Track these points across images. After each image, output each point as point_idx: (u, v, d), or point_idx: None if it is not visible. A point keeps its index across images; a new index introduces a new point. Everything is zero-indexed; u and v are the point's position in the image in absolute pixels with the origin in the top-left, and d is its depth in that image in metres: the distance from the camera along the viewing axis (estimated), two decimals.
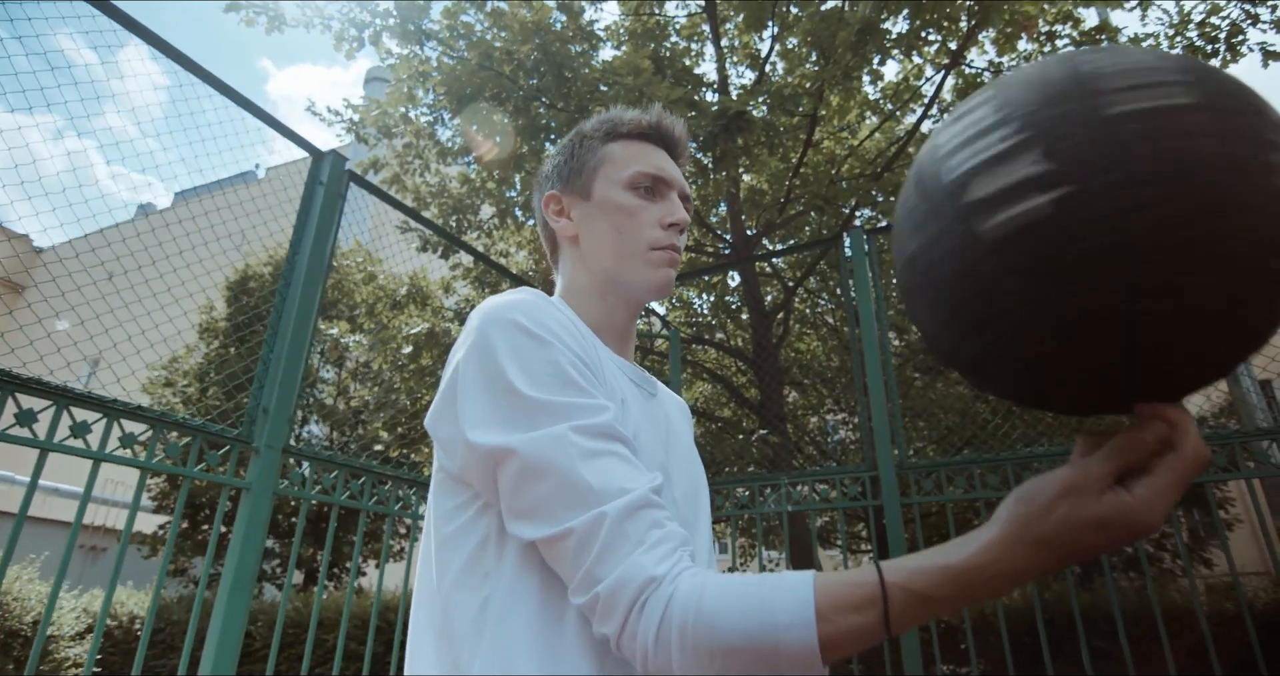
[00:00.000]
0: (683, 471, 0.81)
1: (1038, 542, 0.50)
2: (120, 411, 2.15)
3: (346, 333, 6.00)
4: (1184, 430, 0.49)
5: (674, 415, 0.89)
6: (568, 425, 0.62)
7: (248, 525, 2.40)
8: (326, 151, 2.96)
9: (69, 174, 2.49)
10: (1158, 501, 0.48)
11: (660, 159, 0.86)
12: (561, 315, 0.72)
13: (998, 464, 3.15)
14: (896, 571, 0.53)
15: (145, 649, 2.14)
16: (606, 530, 0.57)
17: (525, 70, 3.38)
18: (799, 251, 5.73)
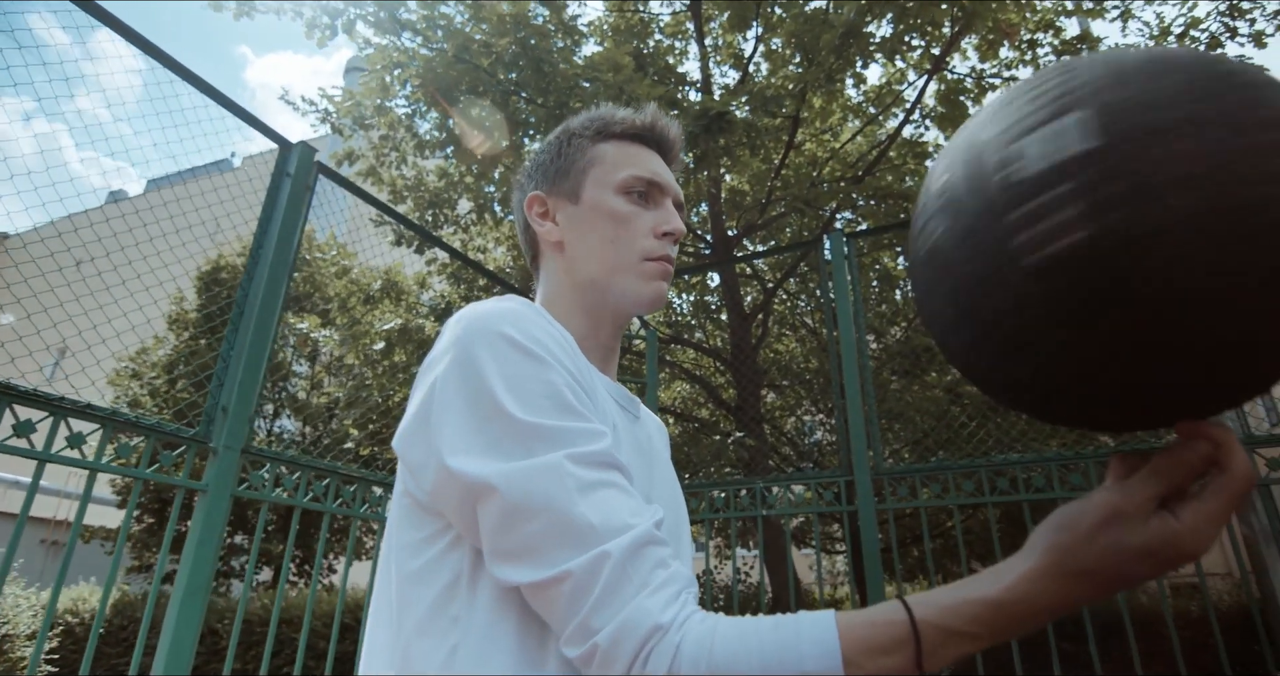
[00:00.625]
0: (666, 499, 0.76)
1: (1080, 573, 0.46)
2: (68, 410, 2.06)
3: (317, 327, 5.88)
4: (1229, 449, 0.46)
5: (655, 437, 0.84)
6: (563, 453, 0.55)
7: (203, 529, 2.31)
8: (295, 143, 2.87)
9: (38, 157, 2.40)
10: (1208, 527, 0.45)
11: (655, 163, 0.80)
12: (554, 329, 0.65)
13: (972, 469, 3.15)
14: (927, 608, 0.49)
15: (94, 644, 2.05)
16: (609, 572, 0.50)
17: (504, 64, 3.31)
18: (779, 253, 5.71)
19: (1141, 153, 0.42)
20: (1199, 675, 6.34)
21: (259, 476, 2.58)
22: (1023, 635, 0.48)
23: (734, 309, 5.41)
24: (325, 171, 2.99)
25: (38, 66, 2.23)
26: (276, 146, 2.85)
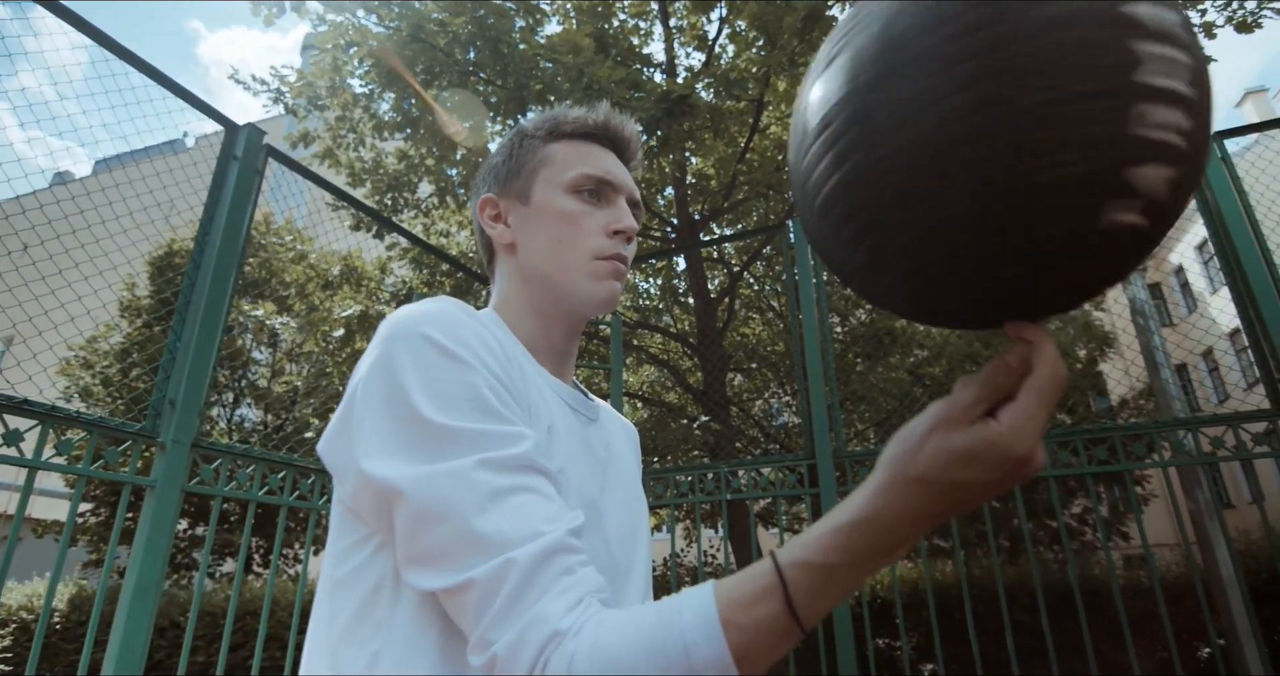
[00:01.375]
0: (620, 506, 0.75)
1: (916, 480, 0.47)
2: (3, 406, 1.97)
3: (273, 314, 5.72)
4: (1038, 347, 0.46)
5: (617, 442, 0.82)
6: (477, 457, 0.54)
7: (152, 526, 2.25)
8: (242, 125, 2.77)
9: None
10: (1024, 425, 0.45)
11: (608, 161, 0.79)
12: (483, 330, 0.64)
13: None
14: (789, 549, 0.49)
15: (41, 640, 1.99)
16: (514, 579, 0.50)
17: (460, 43, 3.22)
18: (745, 238, 5.71)
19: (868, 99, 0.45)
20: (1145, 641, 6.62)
21: (209, 470, 2.51)
22: (886, 556, 0.48)
23: (699, 293, 5.40)
24: (275, 154, 2.89)
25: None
26: (199, 110, 2.69)
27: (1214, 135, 2.96)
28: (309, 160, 4.87)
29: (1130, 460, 2.83)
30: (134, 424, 2.32)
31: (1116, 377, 9.33)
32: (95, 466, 2.18)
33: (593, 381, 7.26)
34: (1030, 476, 0.46)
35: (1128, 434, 2.88)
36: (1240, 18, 3.65)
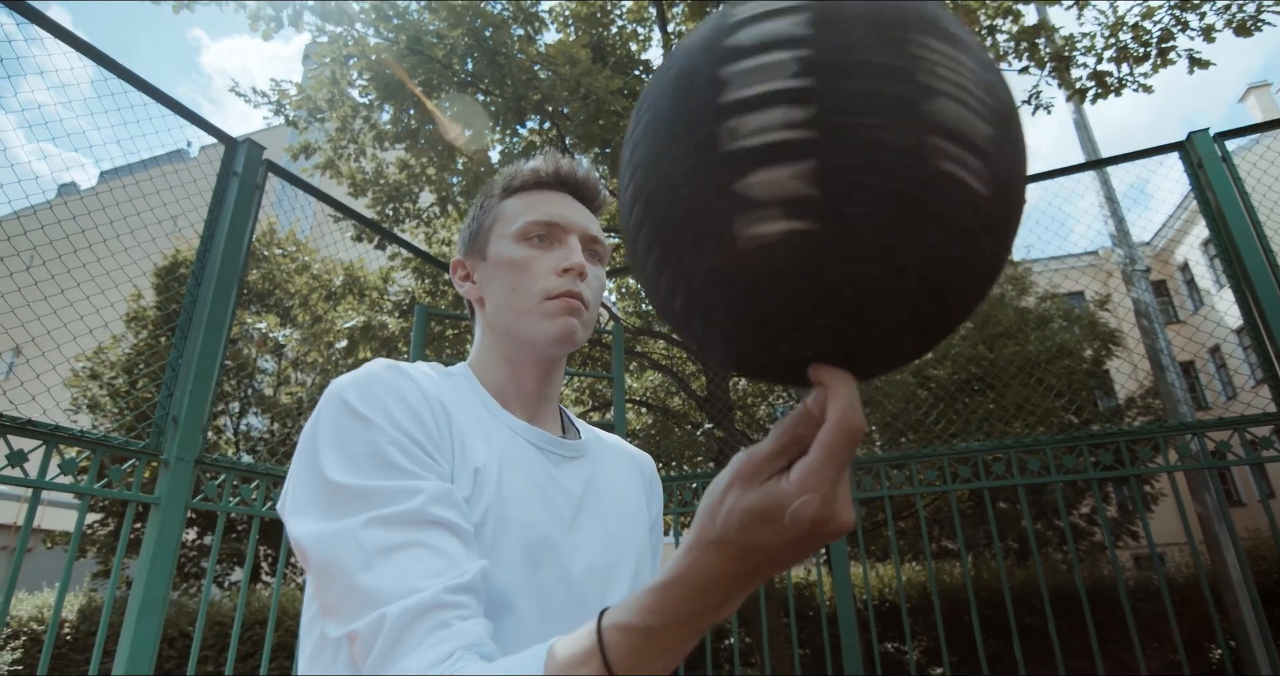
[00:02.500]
0: (595, 543, 0.75)
1: (716, 542, 0.44)
2: (7, 427, 1.98)
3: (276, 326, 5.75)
4: (833, 394, 0.41)
5: (609, 478, 0.83)
6: (367, 516, 0.57)
7: (157, 544, 2.25)
8: (241, 140, 2.78)
9: None
10: (812, 483, 0.40)
11: (557, 205, 0.82)
12: (406, 386, 0.67)
13: (934, 458, 3.19)
14: (614, 610, 0.48)
15: (50, 651, 2.00)
16: (385, 633, 0.52)
17: (459, 55, 3.23)
18: None
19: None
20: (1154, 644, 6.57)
21: (214, 487, 2.52)
22: (706, 616, 0.46)
23: None
24: (275, 169, 2.90)
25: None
26: (238, 136, 2.73)
27: (1215, 136, 2.96)
28: (310, 172, 4.89)
29: (1136, 464, 2.81)
30: (137, 442, 2.33)
31: (1125, 373, 9.28)
32: (100, 484, 2.19)
33: (596, 389, 7.25)
34: (836, 537, 0.42)
35: (1133, 438, 2.87)
36: (1239, 20, 3.65)
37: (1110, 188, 5.69)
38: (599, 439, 0.90)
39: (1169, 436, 2.84)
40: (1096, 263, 11.98)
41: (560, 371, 0.84)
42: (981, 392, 7.05)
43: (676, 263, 0.43)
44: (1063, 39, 4.23)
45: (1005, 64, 4.47)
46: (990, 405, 7.27)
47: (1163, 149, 3.14)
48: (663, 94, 0.44)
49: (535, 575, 0.67)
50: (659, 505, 0.92)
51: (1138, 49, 3.84)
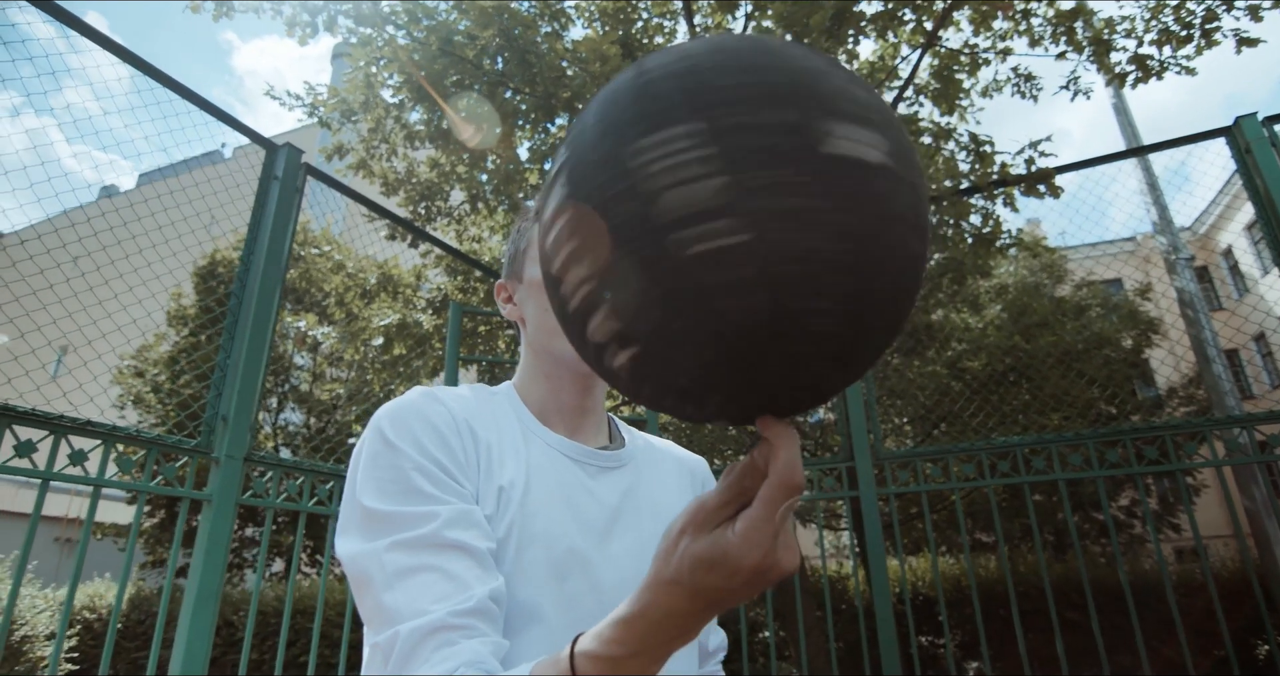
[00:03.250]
0: (630, 554, 0.77)
1: (670, 582, 0.46)
2: (68, 427, 2.06)
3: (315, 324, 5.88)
4: (775, 449, 0.43)
5: (653, 486, 0.84)
6: (390, 540, 0.63)
7: (209, 539, 2.33)
8: (281, 145, 2.84)
9: (29, 153, 2.37)
10: (753, 535, 0.43)
11: None
12: (436, 411, 0.72)
13: (973, 452, 3.16)
14: (585, 639, 0.51)
15: (113, 641, 2.08)
16: (398, 649, 0.58)
17: (489, 55, 3.25)
18: None
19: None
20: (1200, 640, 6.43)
21: (262, 483, 2.59)
22: (668, 645, 0.49)
23: None
24: (314, 172, 2.95)
25: (25, 61, 2.20)
26: (271, 135, 2.78)
27: (1264, 120, 2.87)
28: (344, 172, 4.97)
29: (1182, 458, 2.76)
30: (189, 440, 2.40)
31: (1168, 363, 9.05)
32: (156, 481, 2.27)
33: None
34: (779, 581, 0.45)
35: (1180, 432, 2.81)
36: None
37: (1152, 174, 5.54)
38: (649, 445, 0.92)
39: (1217, 430, 2.78)
40: (1134, 248, 11.67)
41: (601, 385, 0.85)
42: (1017, 384, 6.93)
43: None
44: (1102, 22, 4.12)
45: (1042, 49, 4.38)
46: (1025, 396, 7.15)
47: (1209, 134, 3.05)
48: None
49: (563, 586, 0.70)
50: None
51: (1181, 31, 3.73)
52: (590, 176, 0.44)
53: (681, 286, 0.40)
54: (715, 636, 0.92)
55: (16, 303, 2.48)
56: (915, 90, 4.71)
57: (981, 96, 4.83)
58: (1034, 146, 3.73)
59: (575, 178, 0.45)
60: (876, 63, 5.03)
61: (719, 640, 0.92)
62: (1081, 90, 4.31)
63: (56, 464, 2.03)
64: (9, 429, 1.95)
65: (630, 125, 0.43)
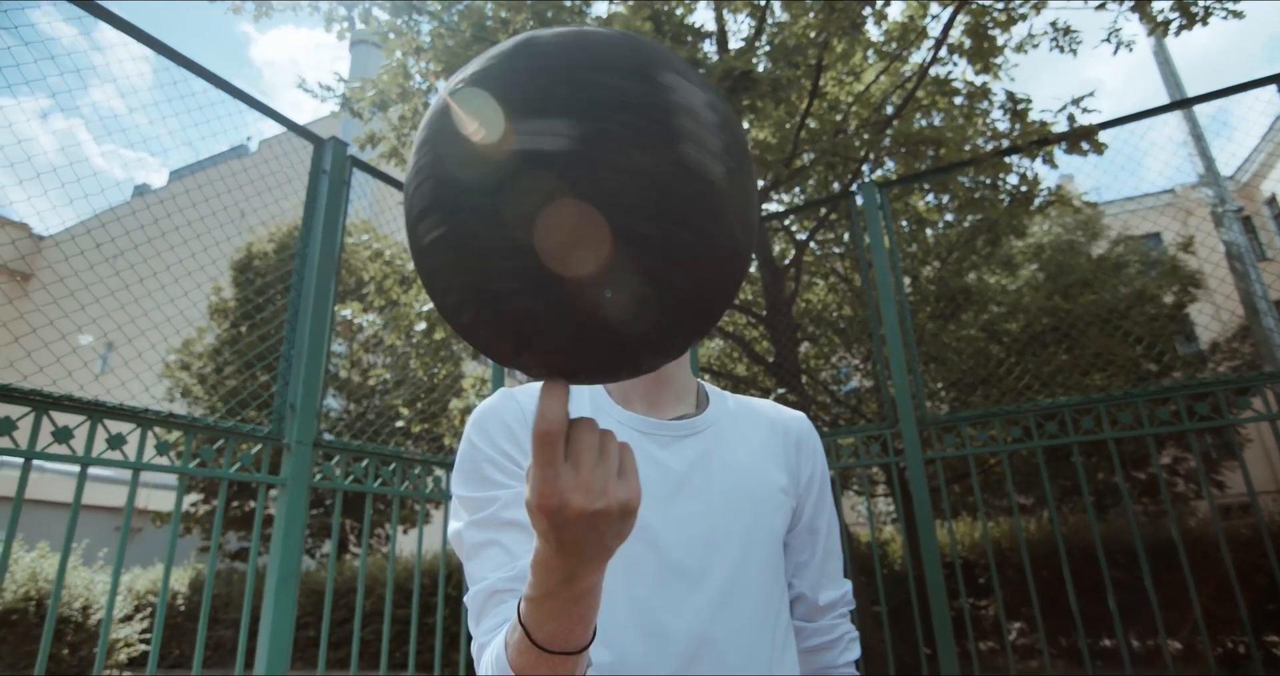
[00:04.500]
0: (695, 518, 0.82)
1: (537, 532, 0.52)
2: (153, 420, 2.17)
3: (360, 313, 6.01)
4: (540, 400, 0.49)
5: (726, 450, 0.88)
6: (468, 520, 0.78)
7: (287, 521, 2.45)
8: (327, 139, 2.90)
9: (59, 154, 2.44)
10: (533, 483, 0.48)
11: None
12: (506, 407, 0.85)
13: (1019, 414, 3.16)
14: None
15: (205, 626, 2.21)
16: (472, 608, 0.74)
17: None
18: (810, 208, 5.61)
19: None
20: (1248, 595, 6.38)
21: (329, 467, 2.71)
22: (567, 587, 0.53)
23: (765, 263, 5.38)
24: (359, 164, 3.02)
25: (47, 61, 2.23)
26: (289, 129, 2.79)
27: None
28: (376, 160, 5.03)
29: (1234, 413, 2.74)
30: (262, 428, 2.51)
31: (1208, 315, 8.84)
32: (235, 468, 2.39)
33: None
34: (610, 522, 0.49)
35: (1231, 387, 2.78)
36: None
37: (1197, 125, 5.37)
38: (742, 409, 0.96)
39: (1269, 384, 2.75)
40: (1174, 201, 11.34)
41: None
42: (1055, 344, 6.84)
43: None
44: None
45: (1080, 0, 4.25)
46: (1063, 357, 7.05)
47: (1259, 82, 2.97)
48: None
49: (626, 551, 0.77)
50: (812, 465, 0.96)
51: None
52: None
53: (424, 267, 0.50)
54: (829, 591, 0.95)
55: (55, 304, 2.56)
56: (949, 50, 4.61)
57: (1016, 52, 4.71)
58: (1076, 103, 3.65)
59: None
60: (907, 23, 4.92)
61: (832, 595, 0.95)
62: (1124, 42, 4.19)
63: (145, 455, 2.15)
64: (100, 423, 2.06)
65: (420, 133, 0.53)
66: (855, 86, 5.69)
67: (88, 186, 2.39)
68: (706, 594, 0.79)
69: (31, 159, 2.23)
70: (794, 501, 0.92)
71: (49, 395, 1.94)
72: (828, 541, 0.96)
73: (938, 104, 4.73)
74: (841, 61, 5.21)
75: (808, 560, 0.95)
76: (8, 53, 2.16)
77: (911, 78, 5.30)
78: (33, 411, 1.92)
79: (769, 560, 0.85)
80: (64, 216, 2.47)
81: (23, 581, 7.04)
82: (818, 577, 0.94)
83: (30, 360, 2.28)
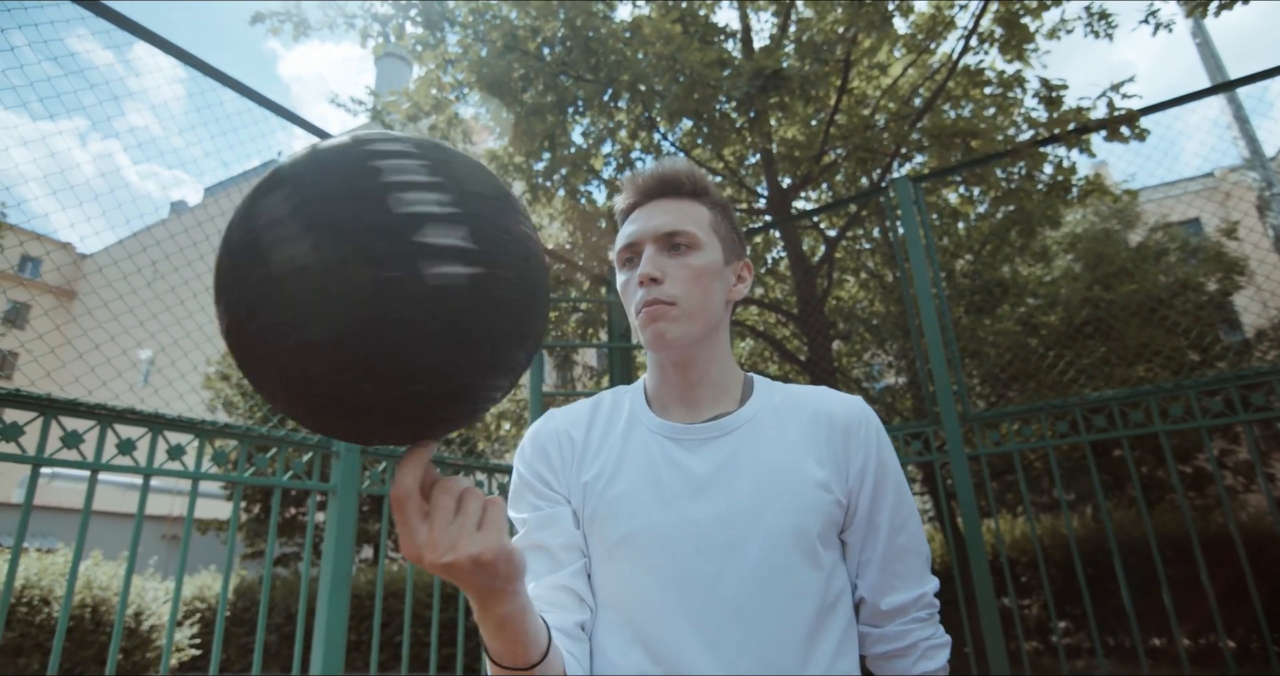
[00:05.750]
0: (714, 518, 0.82)
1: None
2: (211, 431, 2.23)
3: None
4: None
5: (757, 447, 0.86)
6: (516, 539, 0.83)
7: (339, 526, 2.49)
8: None
9: (100, 175, 2.52)
10: (402, 538, 0.55)
11: (636, 223, 0.92)
12: (545, 430, 0.93)
13: (1065, 408, 3.10)
14: None
15: (222, 627, 2.26)
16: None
17: (551, 45, 3.28)
18: (844, 204, 5.56)
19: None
20: None
21: (376, 473, 2.75)
22: (484, 616, 0.61)
23: (797, 262, 5.35)
24: None
25: (84, 84, 2.28)
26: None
27: None
28: None
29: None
30: (312, 437, 2.57)
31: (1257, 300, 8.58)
32: (288, 475, 2.44)
33: None
34: (453, 573, 0.54)
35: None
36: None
37: (1240, 107, 5.22)
38: (788, 402, 0.92)
39: None
40: (1212, 184, 11.03)
41: (698, 361, 0.91)
42: (1094, 336, 6.69)
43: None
44: None
45: None
46: (1102, 349, 6.90)
47: None
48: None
49: (641, 557, 0.80)
50: (864, 455, 0.88)
51: None
52: None
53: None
54: (896, 595, 0.87)
55: (99, 321, 2.65)
56: (979, 39, 4.55)
57: (1048, 38, 4.63)
58: (1116, 89, 3.58)
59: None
60: (935, 14, 4.87)
61: (900, 599, 0.87)
62: (1162, 23, 4.09)
63: (203, 465, 2.21)
64: (160, 435, 2.13)
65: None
66: (883, 80, 5.64)
67: (127, 205, 2.47)
68: (722, 600, 0.78)
69: (73, 180, 2.30)
70: (841, 496, 0.85)
71: (113, 409, 2.01)
72: (892, 538, 0.87)
73: (969, 94, 4.66)
74: (868, 56, 5.17)
75: (870, 558, 0.87)
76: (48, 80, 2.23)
77: (940, 69, 5.24)
78: (98, 425, 1.98)
79: (803, 560, 0.80)
80: (106, 236, 2.53)
81: (77, 588, 7.26)
82: (879, 578, 0.87)
83: (80, 374, 2.35)
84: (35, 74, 2.13)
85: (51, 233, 6.42)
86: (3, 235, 8.45)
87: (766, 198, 5.54)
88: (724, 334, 0.95)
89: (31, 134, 2.24)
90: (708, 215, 0.93)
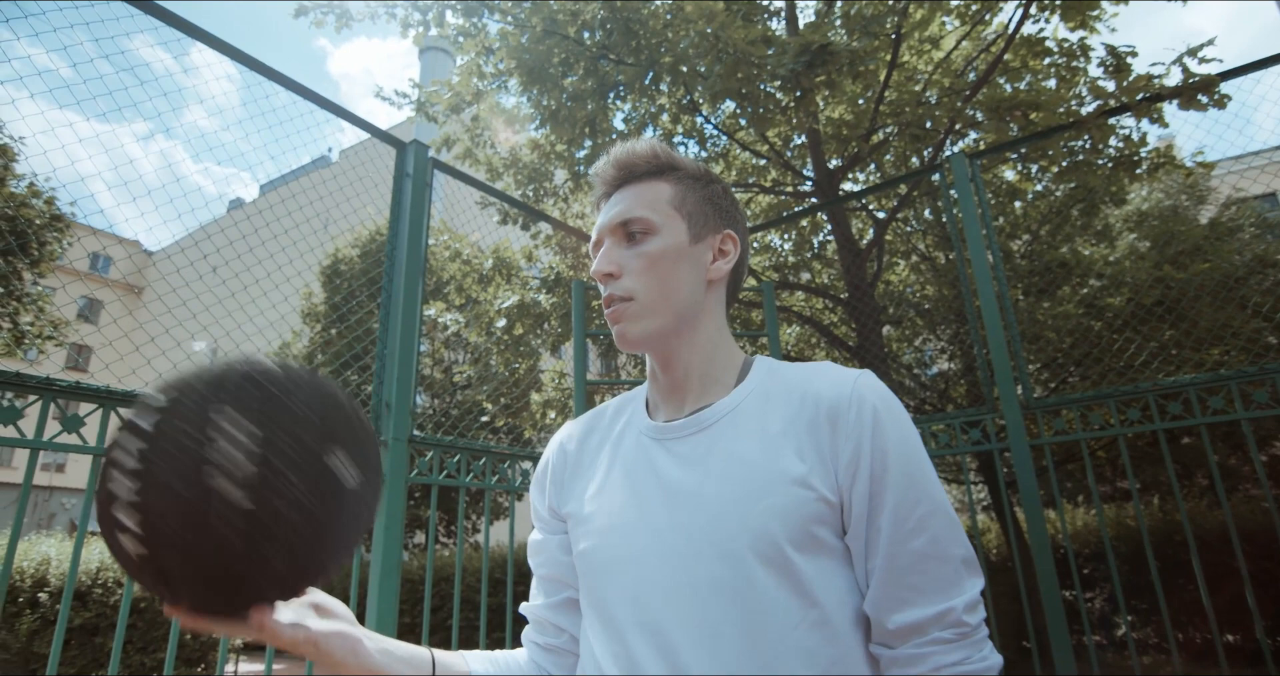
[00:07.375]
0: (674, 524, 0.76)
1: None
2: None
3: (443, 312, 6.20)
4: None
5: (733, 441, 0.76)
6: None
7: (387, 516, 2.52)
8: (409, 142, 2.96)
9: (162, 174, 2.58)
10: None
11: (603, 218, 0.87)
12: (553, 448, 0.95)
13: (1136, 396, 2.93)
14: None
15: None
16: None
17: (591, 29, 3.24)
18: (893, 186, 5.38)
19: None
20: None
21: (424, 463, 2.77)
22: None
23: (845, 245, 5.20)
24: (440, 166, 3.07)
25: (151, 84, 2.34)
26: (369, 137, 2.86)
27: None
28: (452, 162, 5.14)
29: None
30: None
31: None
32: None
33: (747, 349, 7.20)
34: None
35: None
36: None
37: None
38: (780, 384, 0.81)
39: None
40: None
41: (679, 353, 0.83)
42: (1162, 319, 6.36)
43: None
44: None
45: None
46: (1170, 332, 6.55)
47: None
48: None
49: (609, 566, 0.77)
50: (853, 445, 0.72)
51: None
52: None
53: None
54: (905, 612, 0.70)
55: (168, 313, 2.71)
56: (1038, 7, 4.31)
57: (1114, 2, 4.36)
58: (1193, 54, 3.35)
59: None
60: None
61: (909, 617, 0.69)
62: None
63: None
64: None
65: None
66: (935, 54, 5.42)
67: (188, 203, 2.52)
68: (681, 615, 0.70)
69: (137, 179, 2.36)
70: (829, 492, 0.71)
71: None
72: (901, 543, 0.70)
73: (1029, 65, 4.43)
74: (920, 29, 4.96)
75: (875, 567, 0.71)
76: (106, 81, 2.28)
77: (996, 40, 5.00)
78: None
79: (766, 571, 0.69)
80: (168, 232, 2.61)
81: None
82: (884, 591, 0.70)
83: (136, 366, 2.42)
84: (113, 83, 2.19)
85: (119, 229, 6.72)
86: (73, 234, 8.84)
87: (813, 180, 5.40)
88: (708, 319, 0.84)
89: (106, 139, 2.31)
90: (669, 192, 0.84)
